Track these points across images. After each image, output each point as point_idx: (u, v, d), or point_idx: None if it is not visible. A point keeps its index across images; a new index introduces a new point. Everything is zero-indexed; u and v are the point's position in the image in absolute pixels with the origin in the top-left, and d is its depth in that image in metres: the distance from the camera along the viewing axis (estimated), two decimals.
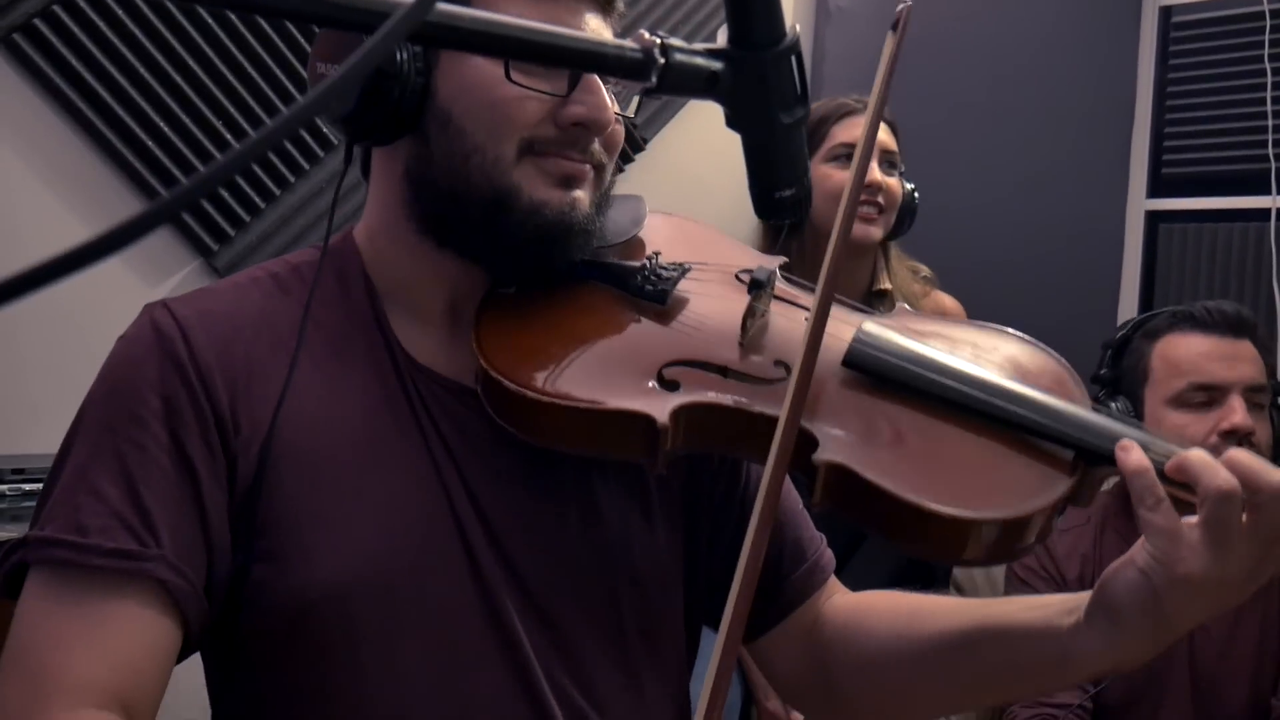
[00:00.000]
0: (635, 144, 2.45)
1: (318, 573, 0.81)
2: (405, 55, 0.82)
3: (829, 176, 1.92)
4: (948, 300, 2.11)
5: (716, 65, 0.64)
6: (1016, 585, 1.83)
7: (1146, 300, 2.78)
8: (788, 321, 0.90)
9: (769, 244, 1.95)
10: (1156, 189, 2.82)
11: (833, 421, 0.80)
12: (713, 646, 1.51)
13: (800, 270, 1.90)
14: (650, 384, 0.83)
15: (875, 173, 1.91)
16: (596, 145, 0.87)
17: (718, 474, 0.98)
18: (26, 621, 0.78)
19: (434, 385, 0.88)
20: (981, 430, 0.80)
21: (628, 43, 0.59)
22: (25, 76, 1.76)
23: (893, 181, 1.94)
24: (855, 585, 1.01)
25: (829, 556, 1.02)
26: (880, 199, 1.92)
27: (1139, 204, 2.81)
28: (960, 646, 0.87)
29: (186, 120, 1.85)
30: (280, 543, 0.82)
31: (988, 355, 0.88)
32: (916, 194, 2.01)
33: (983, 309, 2.18)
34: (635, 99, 0.96)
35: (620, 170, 0.92)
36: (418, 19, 0.41)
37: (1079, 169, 2.74)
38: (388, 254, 0.91)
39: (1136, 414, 1.69)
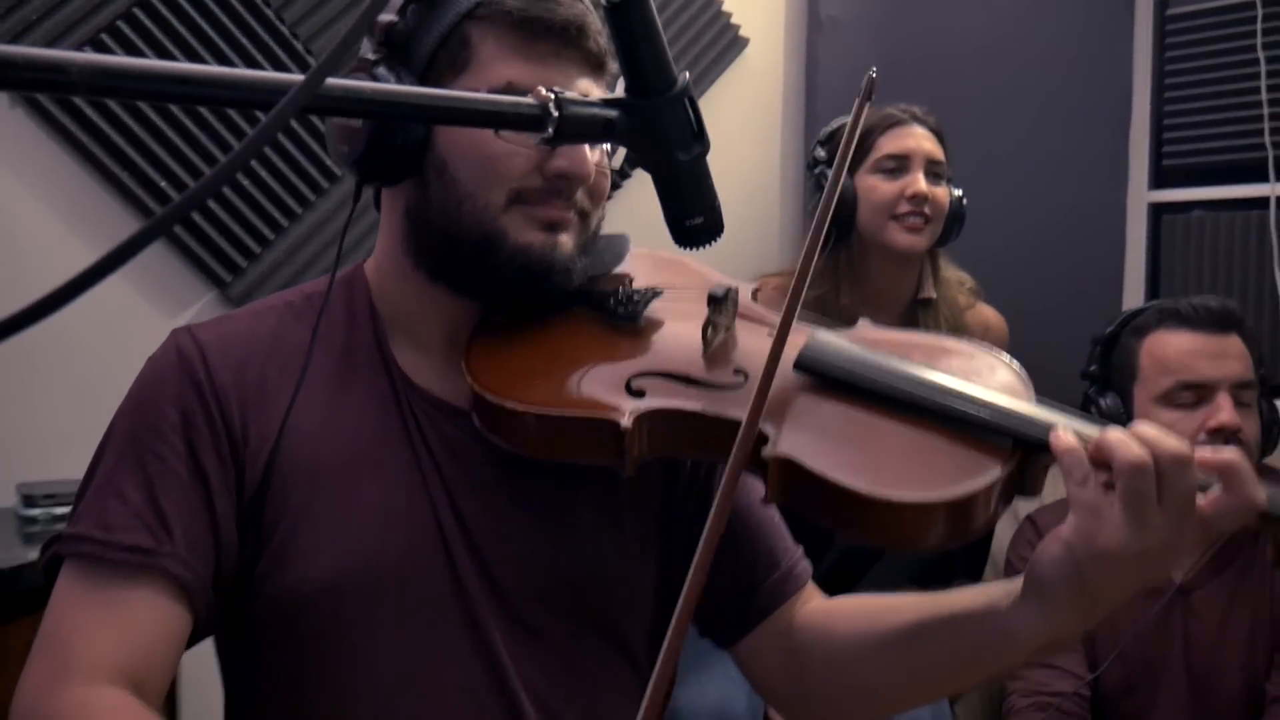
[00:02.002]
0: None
1: (311, 570, 0.90)
2: None
3: (875, 188, 1.96)
4: (991, 314, 2.13)
5: (611, 113, 0.70)
6: (1014, 574, 1.87)
7: (1153, 292, 2.80)
8: (749, 336, 0.97)
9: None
10: (1160, 180, 2.83)
11: (783, 420, 0.86)
12: (702, 649, 1.59)
13: (847, 278, 1.96)
14: (619, 393, 0.90)
15: (920, 183, 1.94)
16: (580, 194, 0.94)
17: (689, 490, 1.04)
18: (57, 606, 0.88)
19: (428, 406, 0.96)
20: (922, 424, 0.85)
21: (524, 100, 0.65)
22: (34, 117, 1.87)
23: (939, 191, 1.97)
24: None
25: (804, 566, 1.07)
26: (926, 209, 1.94)
27: (1142, 196, 2.83)
28: (915, 636, 0.92)
29: (181, 145, 1.95)
30: (280, 543, 0.90)
31: (937, 359, 0.93)
32: (965, 200, 2.03)
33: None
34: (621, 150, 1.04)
35: (618, 186, 0.99)
36: (309, 95, 0.49)
37: (1078, 163, 2.76)
38: (391, 286, 1.00)
39: (1126, 410, 1.70)
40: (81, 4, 1.84)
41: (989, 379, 0.91)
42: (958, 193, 2.03)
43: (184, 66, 0.51)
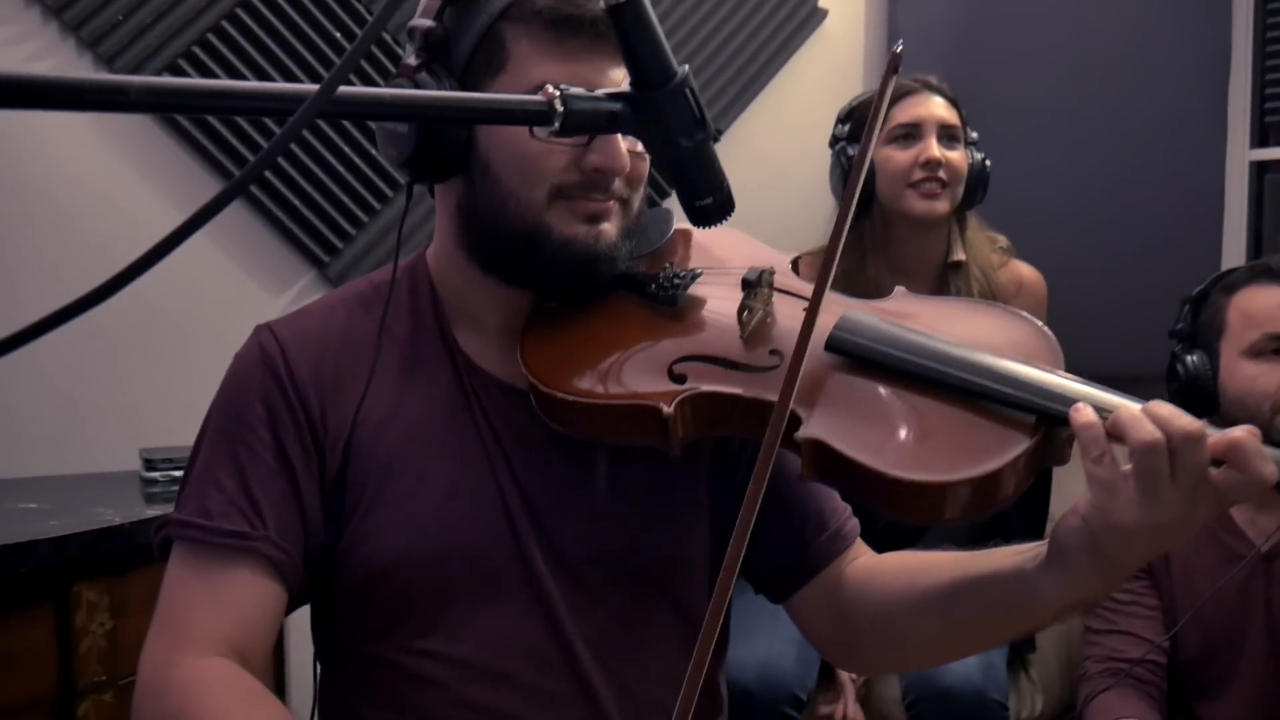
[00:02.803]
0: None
1: (387, 544, 0.99)
2: None
3: (890, 158, 1.98)
4: (1026, 270, 2.13)
5: (615, 106, 0.76)
6: None
7: (1255, 252, 2.71)
8: (786, 314, 1.01)
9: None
10: (1263, 139, 2.74)
11: (816, 401, 0.90)
12: (751, 610, 1.65)
13: (873, 249, 1.99)
14: (661, 378, 0.96)
15: (933, 149, 1.95)
16: (618, 184, 0.99)
17: (740, 458, 1.10)
18: (169, 585, 0.99)
19: (490, 387, 1.04)
20: (949, 401, 0.88)
21: (531, 97, 0.72)
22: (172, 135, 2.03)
23: (954, 155, 1.98)
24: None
25: (852, 525, 1.12)
26: (942, 174, 1.96)
27: (1242, 154, 2.74)
28: (950, 594, 0.97)
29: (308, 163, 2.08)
30: (359, 521, 1.00)
31: (966, 333, 0.95)
32: (988, 163, 2.03)
33: (1084, 271, 2.21)
34: None
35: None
36: (324, 102, 0.58)
37: (1174, 122, 2.68)
38: (449, 274, 1.07)
39: (1212, 366, 1.69)
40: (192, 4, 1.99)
41: (1018, 350, 0.93)
42: (979, 155, 2.02)
43: (219, 83, 0.61)
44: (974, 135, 2.05)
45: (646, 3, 0.76)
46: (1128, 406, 0.82)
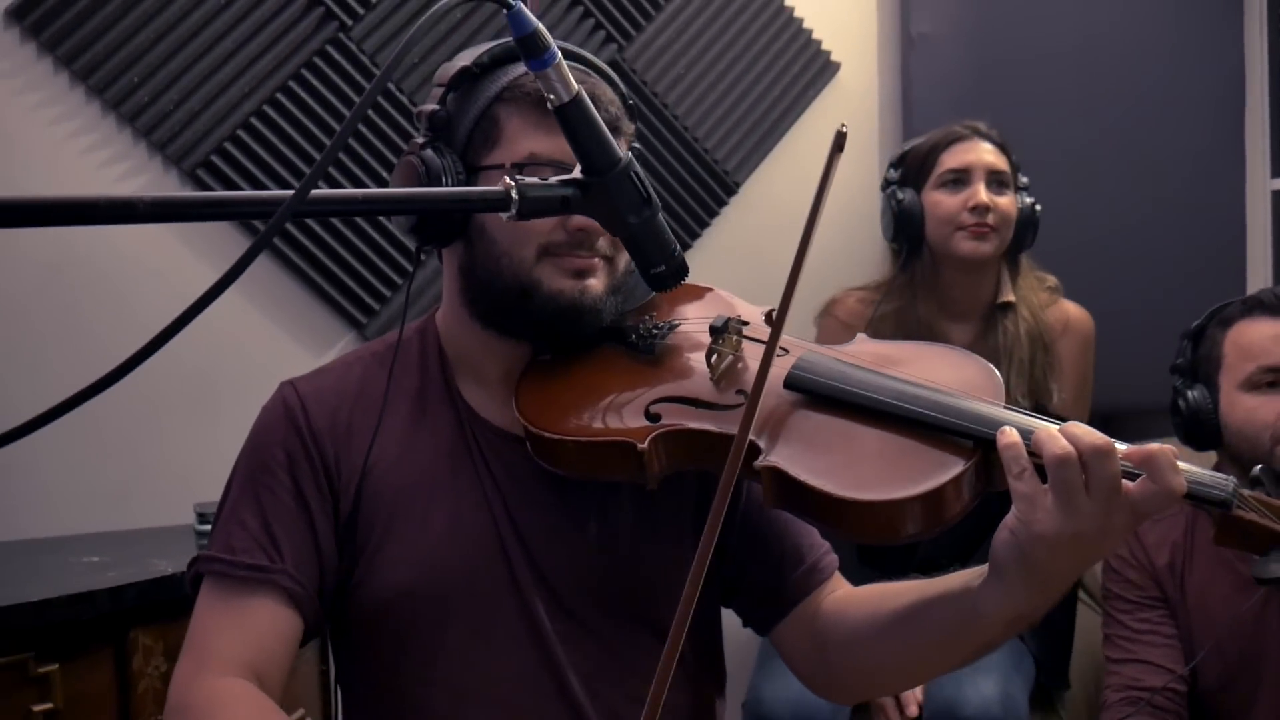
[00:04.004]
0: (728, 188, 2.66)
1: (393, 578, 1.10)
2: (450, 179, 1.06)
3: (939, 203, 2.06)
4: (1073, 309, 2.18)
5: (567, 191, 0.86)
6: (1110, 573, 1.90)
7: (1279, 280, 2.72)
8: (754, 359, 1.10)
9: (892, 267, 2.14)
10: None
11: (776, 434, 1.00)
12: (761, 643, 1.72)
13: (923, 290, 2.07)
14: (639, 418, 1.06)
15: (981, 194, 2.02)
16: (601, 243, 1.09)
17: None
18: (198, 614, 1.10)
19: (490, 434, 1.15)
20: (895, 429, 0.97)
21: (491, 188, 0.83)
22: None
23: (1002, 200, 2.04)
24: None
25: (830, 559, 1.20)
26: (990, 219, 2.02)
27: (1263, 184, 2.76)
28: (908, 617, 1.04)
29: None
30: (369, 557, 1.11)
31: (918, 371, 1.04)
32: (1038, 207, 2.09)
33: (1108, 303, 2.26)
34: None
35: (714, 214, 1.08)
36: (299, 202, 0.69)
37: (1190, 156, 2.71)
38: (455, 331, 1.18)
39: (1213, 400, 1.73)
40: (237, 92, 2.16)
41: (964, 385, 1.01)
42: (1029, 200, 2.09)
43: (213, 195, 0.72)
44: (1024, 180, 2.11)
45: (588, 102, 0.87)
46: (1046, 427, 0.90)
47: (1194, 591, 1.79)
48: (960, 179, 2.05)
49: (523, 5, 0.79)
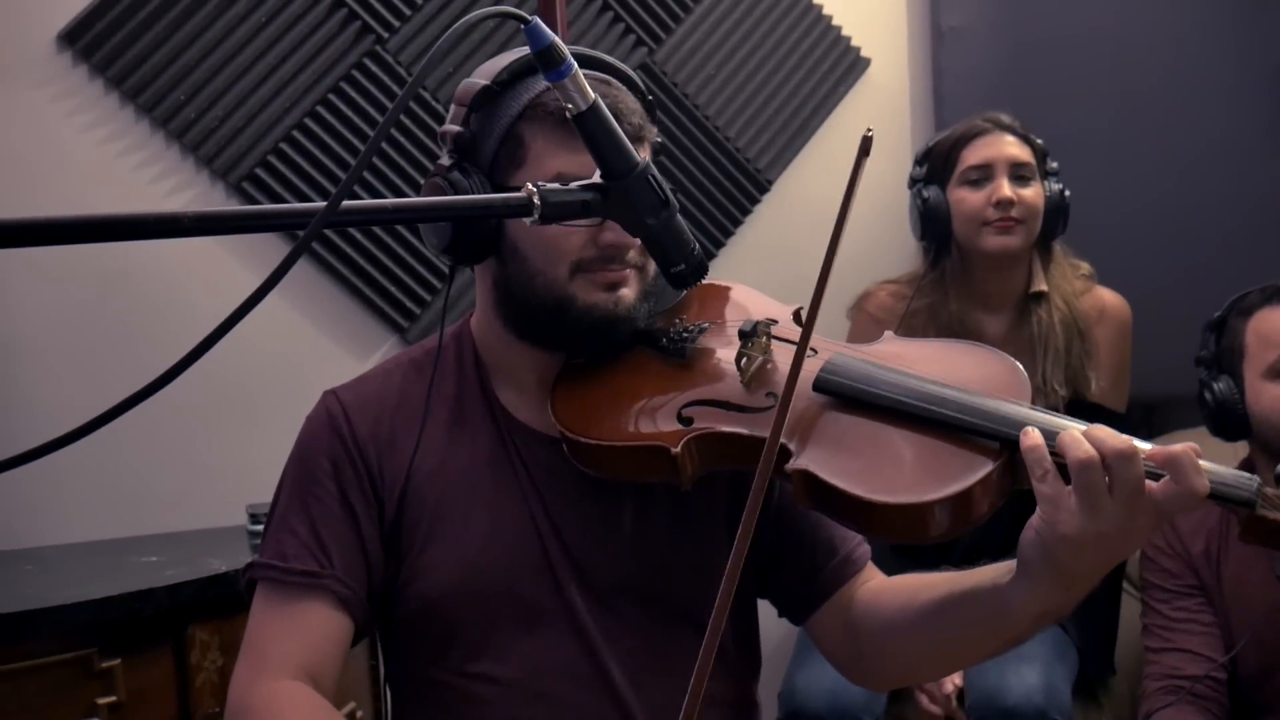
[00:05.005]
0: (760, 186, 2.68)
1: (435, 580, 1.14)
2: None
3: (964, 199, 2.06)
4: (1108, 295, 2.17)
5: (587, 195, 0.90)
6: (1146, 562, 1.91)
7: None
8: (785, 360, 1.12)
9: (923, 263, 2.16)
10: None
11: (806, 436, 1.02)
12: (799, 635, 1.77)
13: (954, 286, 2.08)
14: (672, 421, 1.08)
15: (1004, 189, 2.02)
16: (632, 254, 1.12)
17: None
18: (253, 619, 1.15)
19: (527, 437, 1.18)
20: (923, 431, 0.99)
21: (513, 195, 0.87)
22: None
23: (1027, 193, 2.04)
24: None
25: (863, 550, 1.22)
26: (1014, 212, 2.02)
27: None
28: (940, 611, 1.07)
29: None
30: (414, 560, 1.15)
31: (943, 371, 1.05)
32: (1067, 193, 2.08)
33: (1147, 293, 2.25)
34: None
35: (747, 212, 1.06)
36: (331, 214, 0.73)
37: (1230, 143, 2.67)
38: (489, 339, 1.22)
39: (1238, 390, 1.73)
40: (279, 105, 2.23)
41: (989, 384, 1.03)
42: (1057, 187, 2.08)
43: (251, 209, 0.77)
44: (1054, 165, 2.11)
45: (605, 109, 0.90)
46: (1071, 430, 0.91)
47: (1230, 578, 1.79)
48: (983, 174, 2.05)
49: (538, 20, 0.83)
